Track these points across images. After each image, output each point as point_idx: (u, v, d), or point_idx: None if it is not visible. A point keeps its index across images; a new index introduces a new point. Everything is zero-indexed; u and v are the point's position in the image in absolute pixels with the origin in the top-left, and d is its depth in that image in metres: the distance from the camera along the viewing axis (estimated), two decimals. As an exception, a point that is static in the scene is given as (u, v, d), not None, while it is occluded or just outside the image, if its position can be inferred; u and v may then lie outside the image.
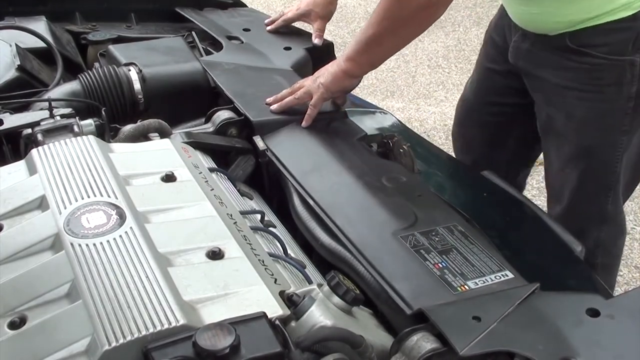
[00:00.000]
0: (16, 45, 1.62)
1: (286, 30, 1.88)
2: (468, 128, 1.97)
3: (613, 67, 1.53)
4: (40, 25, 1.76)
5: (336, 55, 1.85)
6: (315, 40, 1.81)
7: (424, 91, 3.98)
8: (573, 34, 1.53)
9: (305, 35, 1.87)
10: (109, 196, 1.05)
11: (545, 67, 1.62)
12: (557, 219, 1.64)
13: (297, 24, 1.91)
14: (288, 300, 0.93)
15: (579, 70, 1.56)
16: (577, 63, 1.56)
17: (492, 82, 1.85)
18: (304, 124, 1.44)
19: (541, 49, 1.62)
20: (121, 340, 0.81)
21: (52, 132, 1.29)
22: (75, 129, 1.29)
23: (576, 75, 1.57)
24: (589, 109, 1.59)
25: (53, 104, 1.36)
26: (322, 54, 1.80)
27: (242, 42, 1.80)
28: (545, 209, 1.81)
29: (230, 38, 1.81)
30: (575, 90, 1.58)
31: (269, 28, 1.87)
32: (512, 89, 1.79)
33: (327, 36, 1.87)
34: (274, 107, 1.47)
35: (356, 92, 1.73)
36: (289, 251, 1.14)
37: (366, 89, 3.95)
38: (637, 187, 2.93)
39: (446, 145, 3.35)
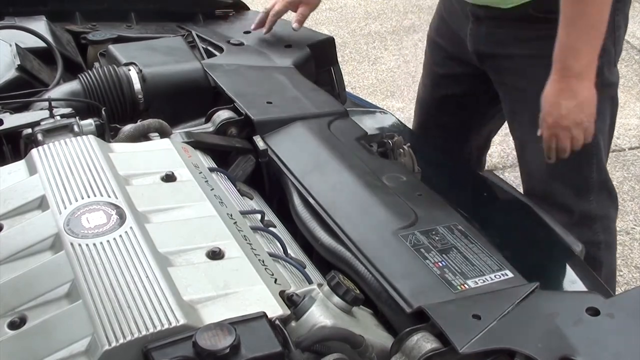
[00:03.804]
0: (16, 45, 1.62)
1: (287, 29, 1.88)
2: (429, 129, 1.99)
3: None
4: (40, 25, 1.76)
5: (337, 53, 1.85)
6: (294, 25, 1.79)
7: (424, 91, 3.97)
8: (536, 1, 1.53)
9: (306, 32, 1.87)
10: (109, 196, 1.05)
11: (510, 43, 1.62)
12: (540, 199, 1.67)
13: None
14: (288, 300, 0.93)
15: (546, 38, 1.51)
16: (544, 30, 1.52)
17: (445, 87, 1.87)
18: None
19: (501, 27, 1.61)
20: (121, 340, 0.81)
21: (52, 132, 1.29)
22: (75, 128, 1.29)
23: (544, 42, 1.52)
24: None
25: (53, 103, 1.36)
26: (324, 49, 1.80)
27: (243, 45, 1.80)
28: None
29: (230, 42, 1.82)
30: (545, 58, 1.53)
31: (264, 32, 1.83)
32: (465, 90, 1.82)
33: (327, 36, 1.87)
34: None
35: (356, 92, 1.74)
36: (289, 251, 1.14)
37: (366, 89, 3.95)
38: (638, 187, 2.93)
39: (446, 145, 3.35)
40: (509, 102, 1.72)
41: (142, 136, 1.33)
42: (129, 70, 1.54)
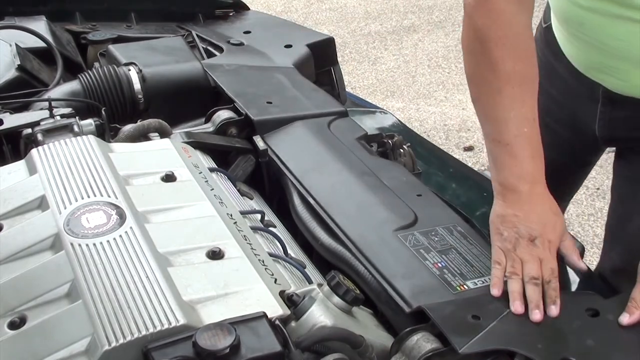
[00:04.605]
0: (16, 45, 1.62)
1: (287, 29, 1.88)
2: None
3: None
4: (40, 25, 1.76)
5: (337, 52, 1.85)
6: (581, 264, 1.31)
7: (424, 91, 3.99)
8: None
9: (306, 32, 1.87)
10: (109, 196, 1.05)
11: None
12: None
13: (298, 22, 1.90)
14: (288, 300, 0.93)
15: None
16: None
17: (562, 168, 1.56)
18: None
19: None
20: (121, 340, 0.81)
21: (52, 132, 1.29)
22: (75, 128, 1.29)
23: None
24: None
25: (53, 103, 1.36)
26: (324, 49, 1.80)
27: (243, 45, 1.80)
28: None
29: (230, 42, 1.82)
30: None
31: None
32: (582, 162, 1.65)
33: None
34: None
35: (356, 92, 1.72)
36: (289, 251, 1.14)
37: (366, 89, 3.95)
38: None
39: (446, 145, 3.35)
40: (633, 170, 1.51)
41: (142, 136, 1.33)
42: (129, 70, 1.54)
